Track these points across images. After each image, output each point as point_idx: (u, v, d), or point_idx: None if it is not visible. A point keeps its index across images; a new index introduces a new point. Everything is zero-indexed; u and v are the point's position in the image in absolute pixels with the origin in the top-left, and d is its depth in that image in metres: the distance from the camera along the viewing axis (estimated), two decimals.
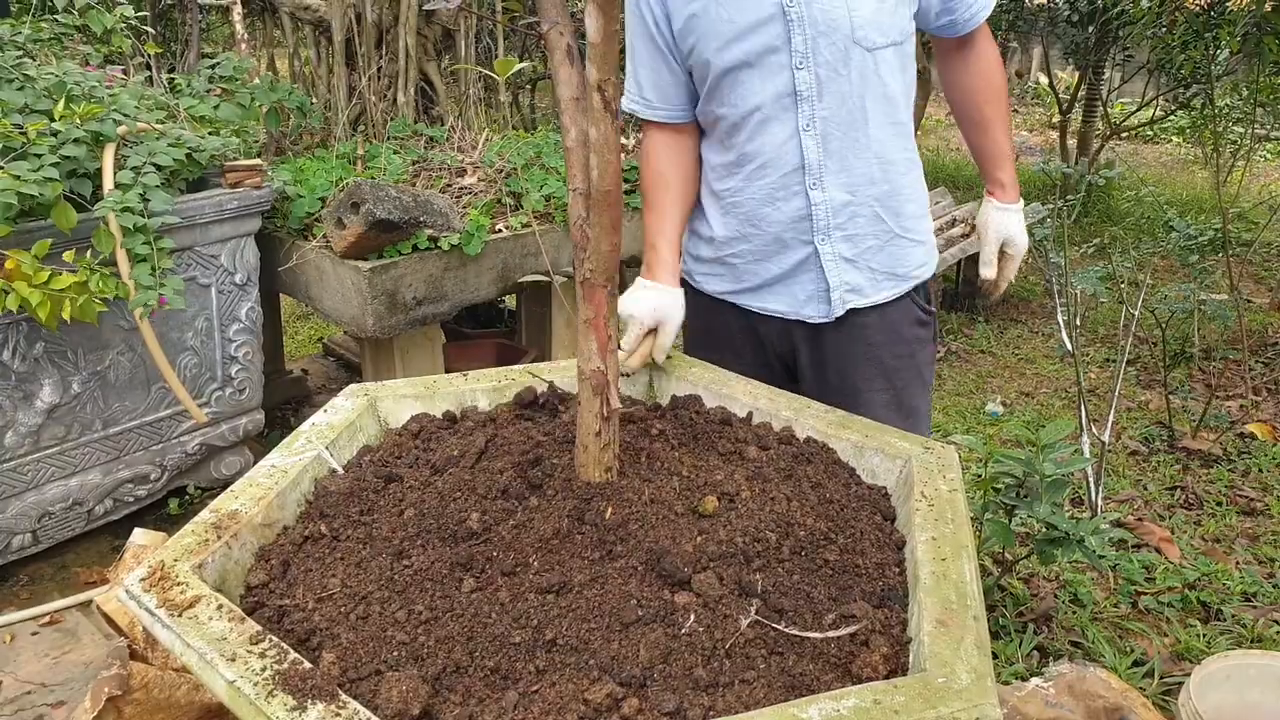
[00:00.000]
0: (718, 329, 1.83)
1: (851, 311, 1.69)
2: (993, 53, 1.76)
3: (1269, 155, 8.58)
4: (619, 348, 1.50)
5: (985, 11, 1.69)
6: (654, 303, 1.60)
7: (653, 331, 1.60)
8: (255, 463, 1.31)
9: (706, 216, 1.75)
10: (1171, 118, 7.74)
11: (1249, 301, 4.79)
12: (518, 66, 1.98)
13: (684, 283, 1.84)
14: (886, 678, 0.99)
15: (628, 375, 1.54)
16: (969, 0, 1.67)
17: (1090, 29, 6.32)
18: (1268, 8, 4.33)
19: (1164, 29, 5.29)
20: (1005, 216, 1.81)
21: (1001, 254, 1.83)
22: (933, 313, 1.81)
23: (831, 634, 1.04)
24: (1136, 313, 3.12)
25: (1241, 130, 6.40)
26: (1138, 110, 7.12)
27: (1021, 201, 1.84)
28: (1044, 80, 10.28)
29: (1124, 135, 7.82)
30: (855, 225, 1.65)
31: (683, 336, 1.94)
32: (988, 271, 1.84)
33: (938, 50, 1.80)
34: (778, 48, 1.54)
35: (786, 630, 1.04)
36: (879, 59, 1.57)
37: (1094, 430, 2.86)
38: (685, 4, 1.58)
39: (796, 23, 1.52)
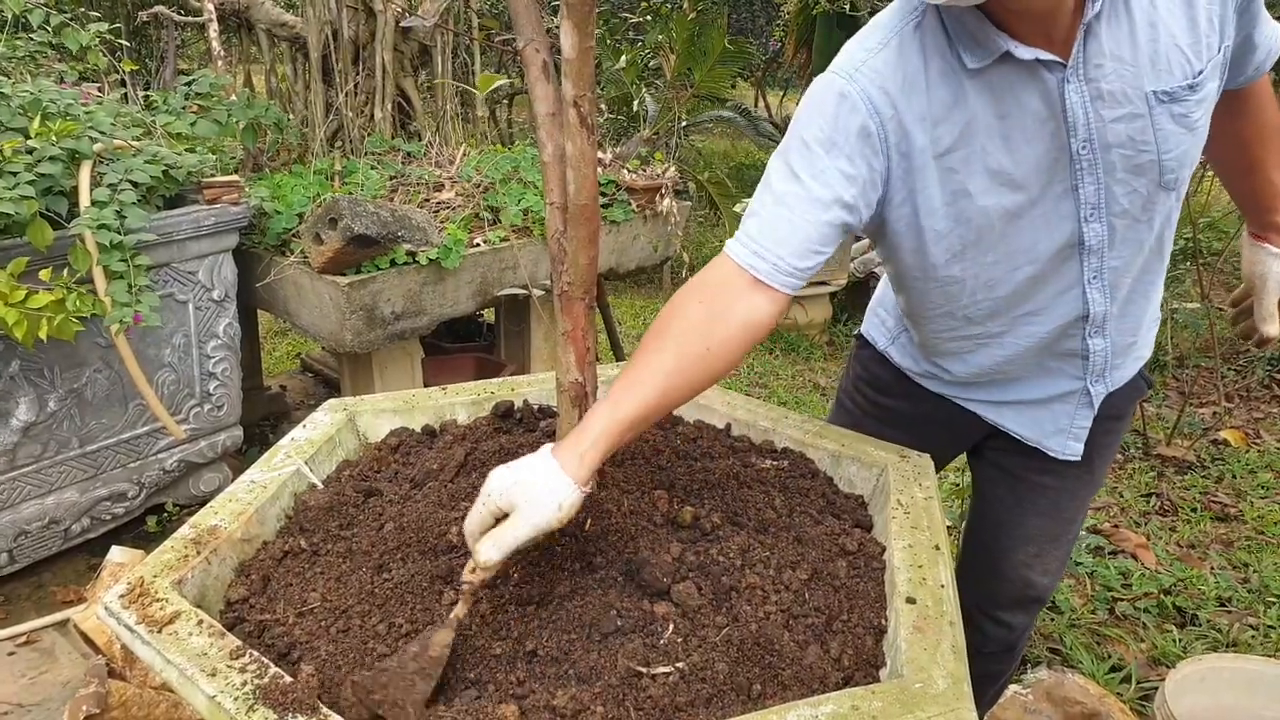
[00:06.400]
0: (903, 410, 1.61)
1: None
2: (1268, 90, 1.45)
3: None
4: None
5: (1272, 61, 1.37)
6: (518, 477, 1.04)
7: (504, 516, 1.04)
8: (234, 479, 1.31)
9: (926, 351, 1.52)
10: None
11: (1220, 309, 4.86)
12: (499, 82, 1.95)
13: (876, 352, 1.65)
14: (864, 684, 1.00)
15: (465, 586, 1.05)
16: (1258, 58, 1.35)
17: None
18: None
19: None
20: None
21: None
22: (1151, 384, 1.61)
23: (811, 652, 1.05)
24: None
25: None
26: None
27: None
28: None
29: None
30: (1131, 356, 1.47)
31: (840, 384, 1.72)
32: (1272, 328, 1.56)
33: None
34: (1061, 197, 1.25)
35: (763, 639, 1.05)
36: (1180, 193, 1.31)
37: None
38: (932, 140, 1.22)
39: (1088, 170, 1.22)
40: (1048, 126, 1.20)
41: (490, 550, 1.01)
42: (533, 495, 1.02)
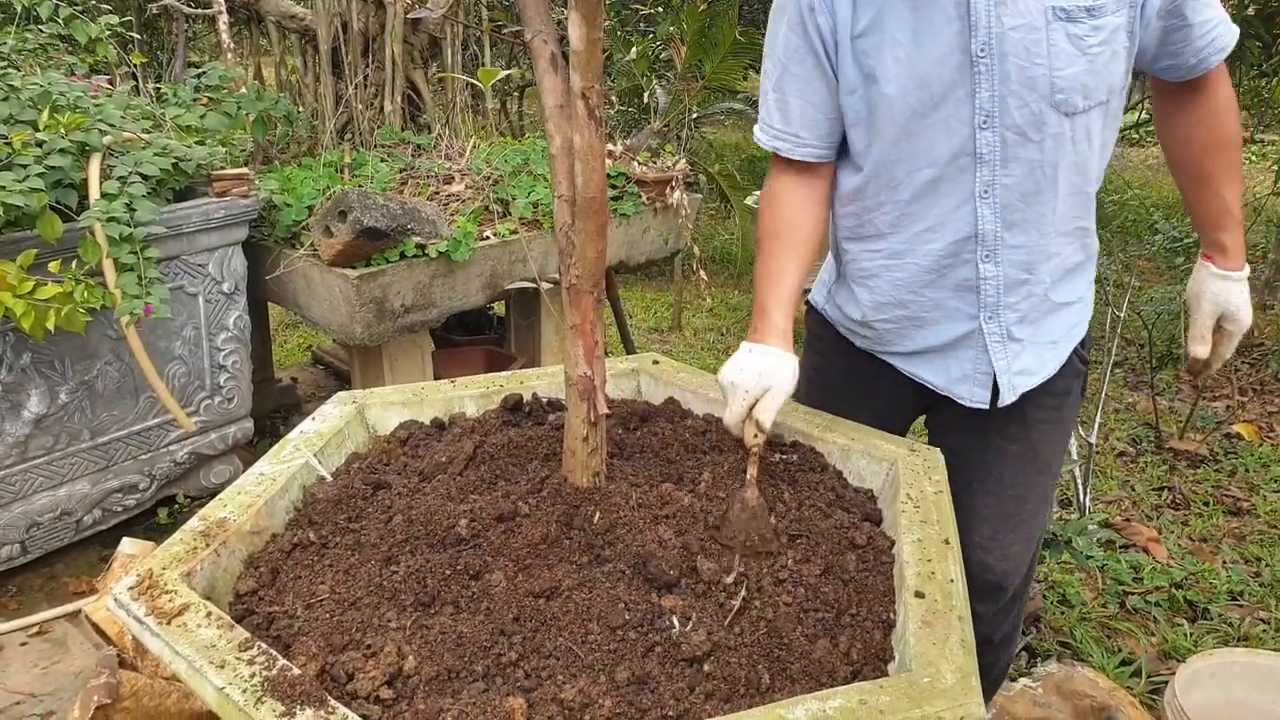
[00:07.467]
0: (845, 372, 1.67)
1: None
2: (1225, 96, 1.46)
3: (1252, 158, 8.65)
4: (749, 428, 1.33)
5: (1219, 55, 1.40)
6: (759, 368, 1.34)
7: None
8: (245, 471, 1.31)
9: (848, 281, 1.58)
10: None
11: None
12: (501, 74, 1.93)
13: (817, 314, 1.72)
14: (872, 678, 1.00)
15: (753, 452, 1.30)
16: (1198, 45, 1.37)
17: None
18: (1250, 12, 4.37)
19: None
20: (1226, 286, 1.53)
21: (1217, 329, 1.56)
22: (1088, 361, 1.62)
23: (819, 645, 1.05)
24: (1123, 314, 3.14)
25: None
26: (1124, 114, 7.15)
27: (1247, 269, 1.55)
28: None
29: None
30: (1029, 304, 1.46)
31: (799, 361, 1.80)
32: (1200, 349, 1.56)
33: (1155, 89, 1.53)
34: (960, 101, 1.33)
35: (772, 633, 1.05)
36: (1077, 125, 1.34)
37: (1081, 432, 2.88)
38: (852, 20, 1.36)
39: (985, 75, 1.30)
40: (953, 26, 1.30)
41: (768, 417, 1.31)
42: (777, 373, 1.34)
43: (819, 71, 1.41)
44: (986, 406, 1.51)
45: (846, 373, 1.67)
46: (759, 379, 1.33)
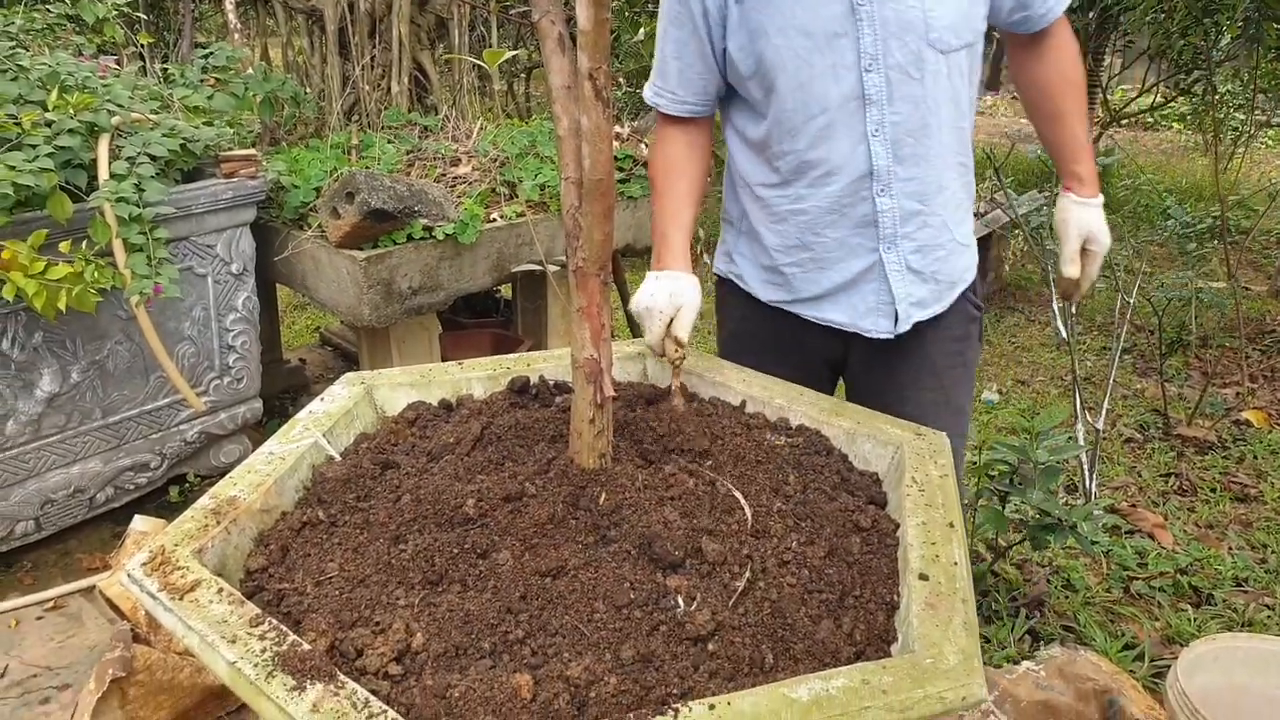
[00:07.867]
0: (759, 333, 1.77)
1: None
2: (1069, 44, 1.67)
3: (1270, 142, 8.57)
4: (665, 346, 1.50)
5: (1062, 6, 1.60)
6: (669, 289, 1.51)
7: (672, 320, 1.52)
8: (254, 451, 1.32)
9: (756, 226, 1.68)
10: (1172, 104, 7.72)
11: (1247, 289, 4.80)
12: (507, 55, 1.94)
13: (729, 283, 1.81)
14: (875, 659, 1.01)
15: (676, 365, 1.47)
16: None
17: (1090, 15, 6.31)
18: None
19: (1164, 14, 5.28)
20: (1086, 212, 1.71)
21: (1083, 251, 1.73)
22: (982, 307, 1.76)
23: (823, 626, 1.06)
24: (1133, 300, 3.14)
25: (1242, 117, 6.40)
26: (1138, 97, 7.10)
27: (1101, 196, 1.74)
28: None
29: (1124, 122, 7.80)
30: (924, 235, 1.59)
31: (716, 338, 1.92)
32: (1071, 270, 1.73)
33: (1009, 42, 1.71)
34: (845, 48, 1.46)
35: (777, 614, 1.06)
36: (952, 62, 1.50)
37: (1089, 417, 2.87)
38: None
39: (866, 22, 1.44)
40: None
41: (684, 331, 1.48)
42: (686, 292, 1.52)
43: (694, 37, 1.56)
44: (891, 337, 1.63)
45: (758, 333, 1.76)
46: (670, 299, 1.50)
